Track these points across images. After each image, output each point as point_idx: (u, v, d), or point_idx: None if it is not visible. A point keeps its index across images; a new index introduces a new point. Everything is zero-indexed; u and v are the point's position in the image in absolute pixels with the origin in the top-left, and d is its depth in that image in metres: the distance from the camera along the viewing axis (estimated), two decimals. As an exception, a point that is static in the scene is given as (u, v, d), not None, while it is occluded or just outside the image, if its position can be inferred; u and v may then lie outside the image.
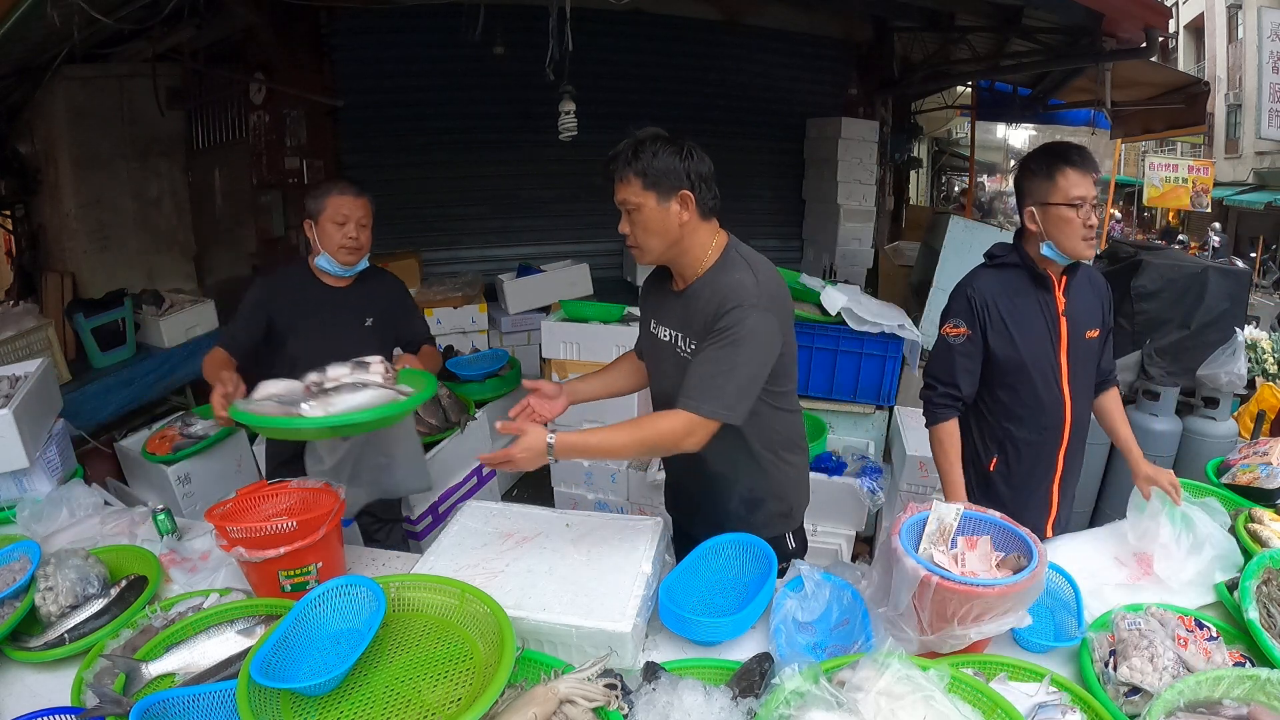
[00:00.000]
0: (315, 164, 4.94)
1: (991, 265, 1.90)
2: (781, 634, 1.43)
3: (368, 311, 2.21)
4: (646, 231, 1.59)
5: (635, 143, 1.55)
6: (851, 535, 2.96)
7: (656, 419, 1.56)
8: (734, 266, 1.60)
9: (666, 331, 1.71)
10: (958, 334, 1.85)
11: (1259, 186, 17.03)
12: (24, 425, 2.07)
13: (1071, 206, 1.70)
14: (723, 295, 1.55)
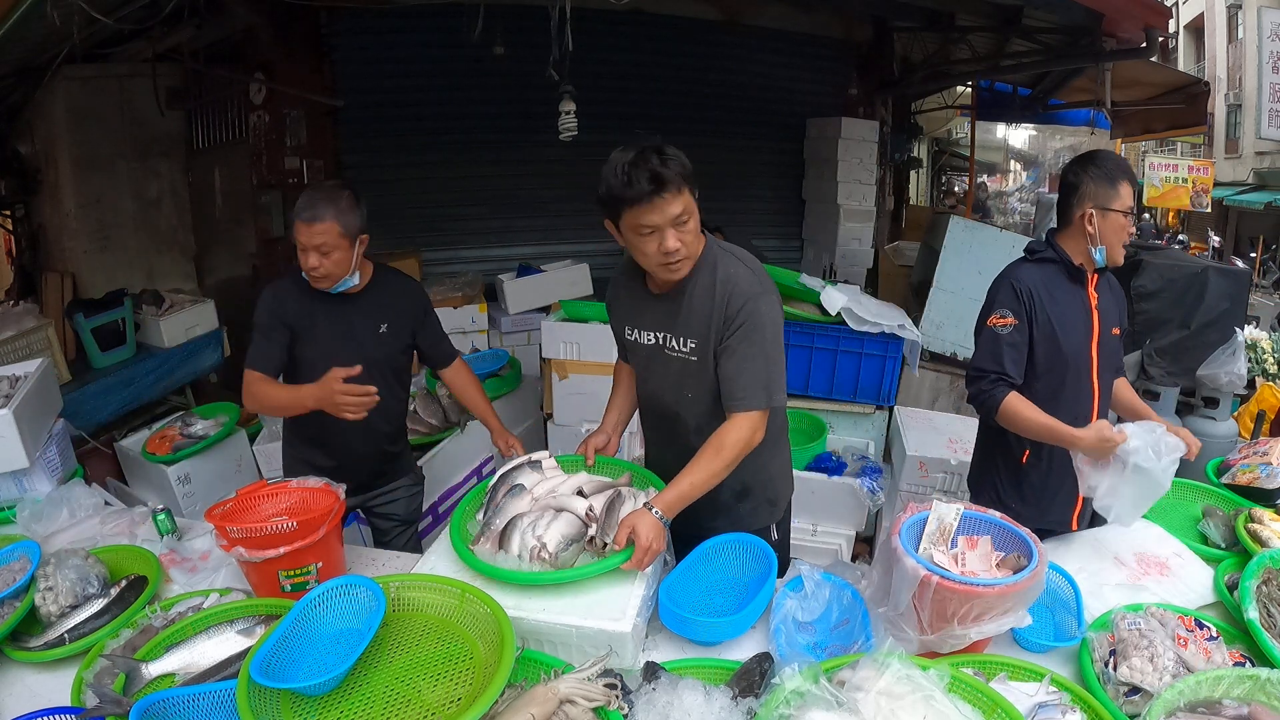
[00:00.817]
0: (315, 164, 4.94)
1: (1032, 260, 1.94)
2: (781, 634, 1.44)
3: (382, 318, 2.10)
4: (692, 237, 1.57)
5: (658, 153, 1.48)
6: (851, 535, 2.96)
7: (724, 435, 1.58)
8: (722, 262, 1.64)
9: (649, 335, 1.73)
10: (1006, 324, 1.86)
11: (1259, 186, 17.01)
12: (24, 425, 2.07)
13: (1125, 215, 1.84)
14: (725, 291, 1.59)
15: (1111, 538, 1.84)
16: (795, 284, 3.27)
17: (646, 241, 1.53)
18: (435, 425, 3.40)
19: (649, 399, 1.84)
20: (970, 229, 3.98)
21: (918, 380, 3.97)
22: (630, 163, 1.48)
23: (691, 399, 1.72)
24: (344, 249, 1.93)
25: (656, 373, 1.75)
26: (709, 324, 1.62)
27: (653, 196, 1.48)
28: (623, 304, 1.80)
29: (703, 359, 1.66)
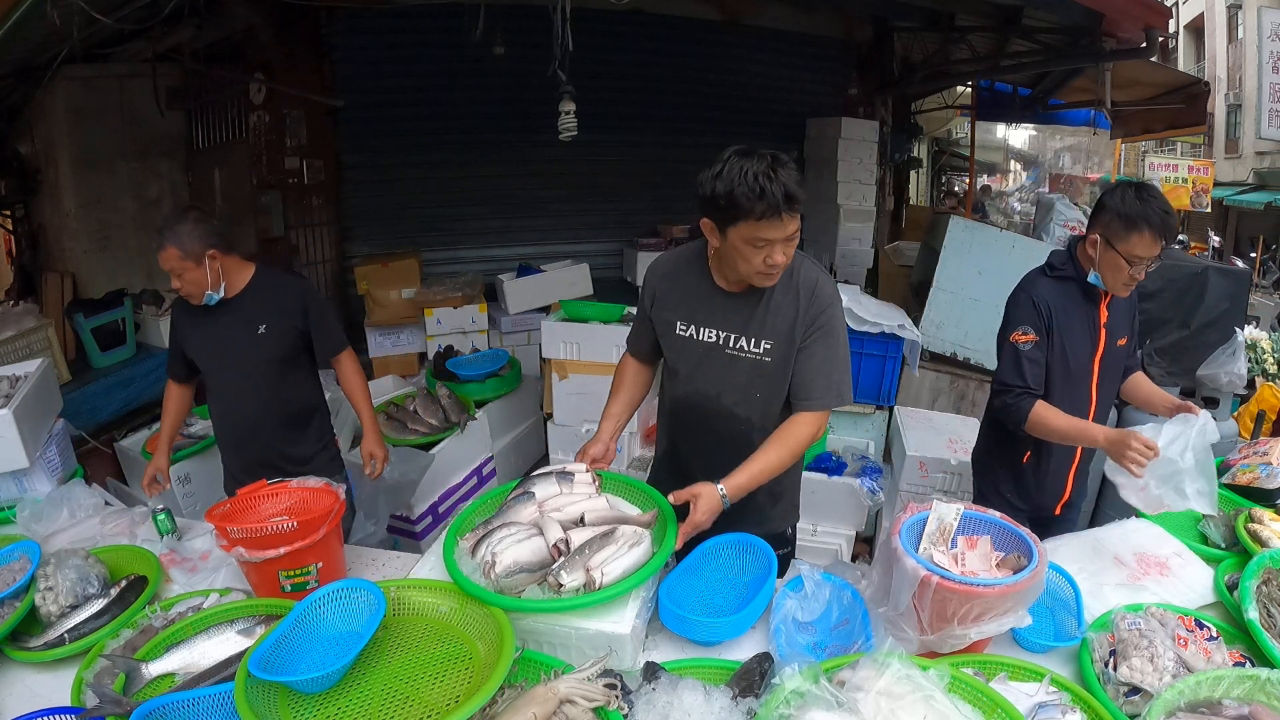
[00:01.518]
0: (315, 164, 4.94)
1: (1051, 275, 2.01)
2: (781, 634, 1.44)
3: (259, 319, 2.17)
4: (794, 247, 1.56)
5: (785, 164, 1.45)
6: (851, 535, 2.96)
7: (796, 429, 1.64)
8: (801, 265, 1.66)
9: (711, 332, 1.69)
10: (1027, 340, 1.95)
11: (1259, 186, 17.00)
12: (24, 425, 2.07)
13: (1128, 262, 1.84)
14: (809, 291, 1.64)
15: (1111, 538, 1.84)
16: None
17: (755, 253, 1.51)
18: (435, 425, 3.40)
19: (693, 397, 1.76)
20: (970, 229, 3.97)
21: (918, 380, 3.97)
22: (763, 174, 1.43)
23: (760, 399, 1.71)
24: (191, 269, 2.05)
25: (711, 371, 1.71)
26: (792, 326, 1.64)
27: (781, 214, 1.45)
28: (676, 296, 1.73)
29: (778, 360, 1.66)
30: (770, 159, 1.45)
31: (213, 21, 4.56)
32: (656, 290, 1.78)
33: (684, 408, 1.80)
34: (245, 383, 2.21)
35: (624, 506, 1.64)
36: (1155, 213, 1.81)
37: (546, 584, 1.40)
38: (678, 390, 1.80)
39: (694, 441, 1.81)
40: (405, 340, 4.83)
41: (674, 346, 1.77)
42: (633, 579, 1.37)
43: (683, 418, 1.82)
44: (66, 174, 4.99)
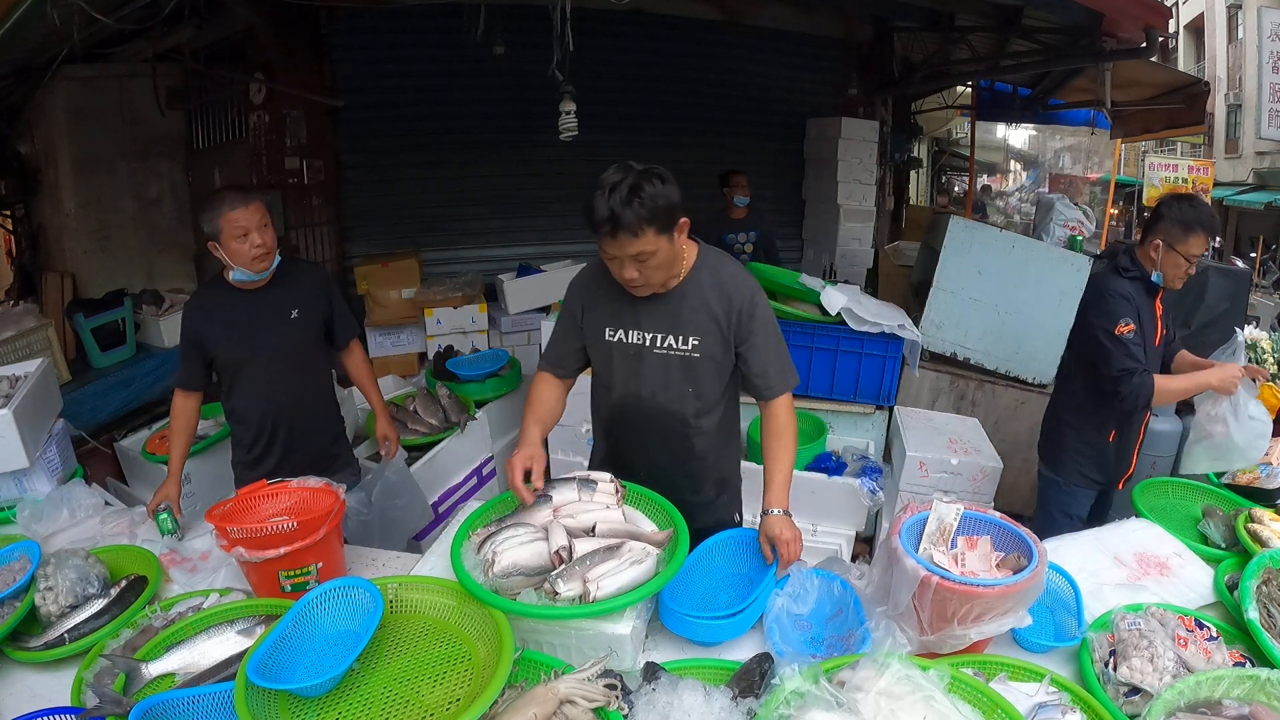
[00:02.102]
0: (315, 164, 4.94)
1: (1125, 276, 2.33)
2: (775, 632, 1.44)
3: (291, 304, 2.23)
4: (657, 270, 1.62)
5: (632, 190, 1.50)
6: (851, 535, 2.96)
7: (781, 419, 1.75)
8: (720, 262, 1.76)
9: (638, 334, 1.74)
10: (1130, 330, 2.24)
11: (1259, 186, 17.00)
12: (24, 425, 2.07)
13: (1186, 260, 2.23)
14: (730, 288, 1.70)
15: (1111, 538, 1.85)
16: (795, 284, 3.26)
17: (610, 263, 1.63)
18: (435, 425, 3.40)
19: (629, 400, 1.80)
20: (970, 229, 3.97)
21: (918, 380, 3.97)
22: (602, 193, 1.53)
23: (692, 394, 1.75)
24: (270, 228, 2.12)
25: (643, 372, 1.76)
26: (716, 321, 1.70)
27: (608, 235, 1.54)
28: (603, 304, 1.77)
29: (706, 355, 1.71)
30: (624, 179, 1.51)
31: (213, 21, 4.56)
32: (585, 300, 1.81)
33: (620, 411, 1.83)
34: (283, 367, 2.23)
35: (641, 521, 1.62)
36: (1206, 217, 2.22)
37: (543, 590, 1.39)
38: (613, 395, 1.83)
39: (635, 441, 1.85)
40: (405, 340, 4.83)
41: (604, 353, 1.80)
42: (627, 597, 1.36)
43: (621, 421, 1.85)
44: (66, 174, 4.99)
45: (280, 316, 2.21)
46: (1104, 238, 8.94)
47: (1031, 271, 3.84)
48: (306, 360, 2.30)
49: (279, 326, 2.20)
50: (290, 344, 2.23)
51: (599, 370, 1.85)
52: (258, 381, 2.23)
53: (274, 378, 2.23)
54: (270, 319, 2.19)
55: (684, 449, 1.80)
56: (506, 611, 1.33)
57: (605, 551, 1.44)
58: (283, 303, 2.21)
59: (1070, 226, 6.94)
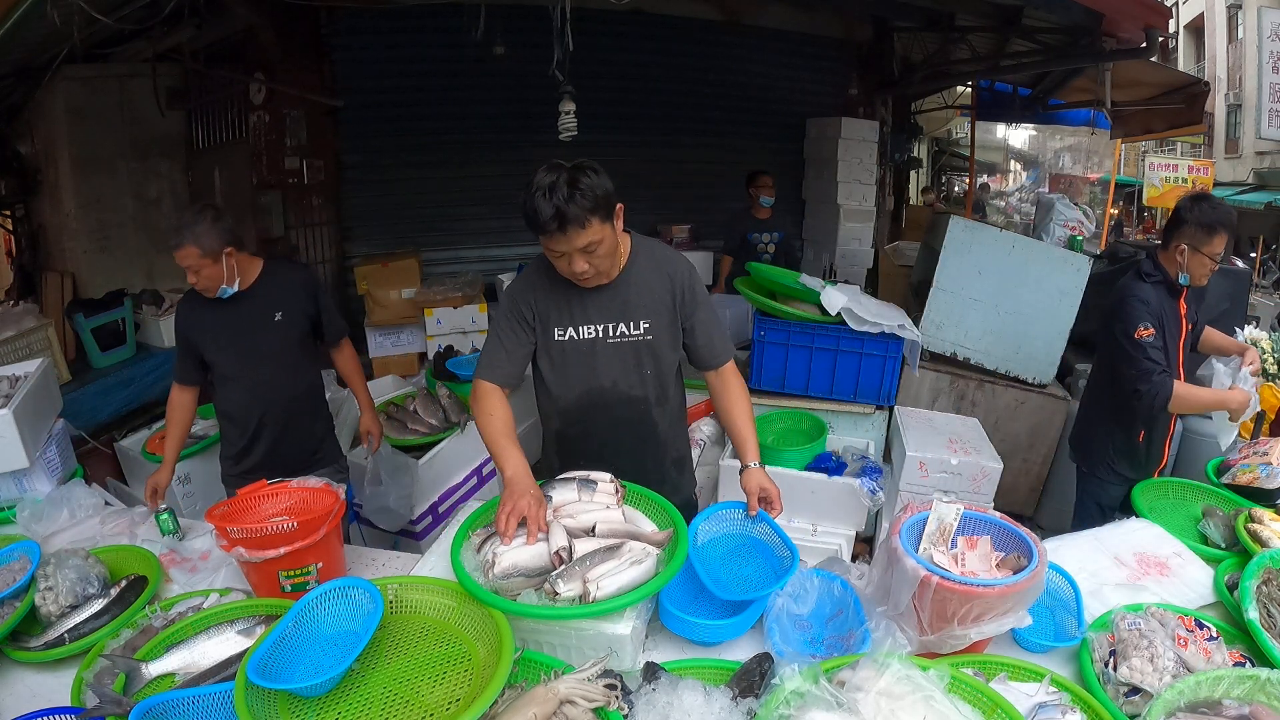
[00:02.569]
0: (315, 164, 4.94)
1: (1148, 281, 2.41)
2: (775, 632, 1.44)
3: (275, 306, 2.29)
4: (605, 258, 1.67)
5: (570, 185, 1.55)
6: (851, 535, 2.96)
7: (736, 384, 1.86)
8: (654, 245, 1.84)
9: (589, 328, 1.77)
10: (1150, 334, 2.32)
11: (1259, 186, 17.00)
12: (24, 425, 2.07)
13: (1213, 260, 2.32)
14: (669, 271, 1.80)
15: (1111, 538, 1.84)
16: (795, 284, 3.26)
17: (558, 260, 1.66)
18: (435, 425, 3.40)
19: (588, 395, 1.83)
20: (970, 229, 3.96)
21: (918, 380, 3.97)
22: (542, 192, 1.55)
23: (650, 375, 1.82)
24: (209, 265, 2.12)
25: (599, 364, 1.79)
26: (663, 303, 1.78)
27: (555, 232, 1.57)
28: (547, 307, 1.78)
29: (657, 336, 1.79)
30: (556, 177, 1.55)
31: (213, 21, 4.56)
32: (529, 304, 1.80)
33: (579, 407, 1.85)
34: (268, 368, 2.30)
35: (641, 522, 1.62)
36: (1226, 216, 2.30)
37: (543, 590, 1.39)
38: (570, 394, 1.85)
39: (595, 433, 1.87)
40: (405, 340, 4.83)
41: (557, 354, 1.82)
42: (628, 597, 1.36)
43: (580, 416, 1.86)
44: (66, 174, 4.99)
45: (264, 320, 2.27)
46: (1104, 238, 8.94)
47: (1031, 271, 3.84)
48: (291, 361, 2.36)
49: (262, 330, 2.26)
50: (274, 347, 2.29)
51: (550, 375, 1.86)
52: (243, 383, 2.30)
53: (259, 379, 2.30)
54: (254, 323, 2.25)
55: (648, 434, 1.87)
56: (506, 612, 1.33)
57: (605, 551, 1.44)
58: (266, 307, 2.27)
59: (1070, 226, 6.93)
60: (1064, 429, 3.97)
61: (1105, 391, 2.59)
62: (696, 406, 3.59)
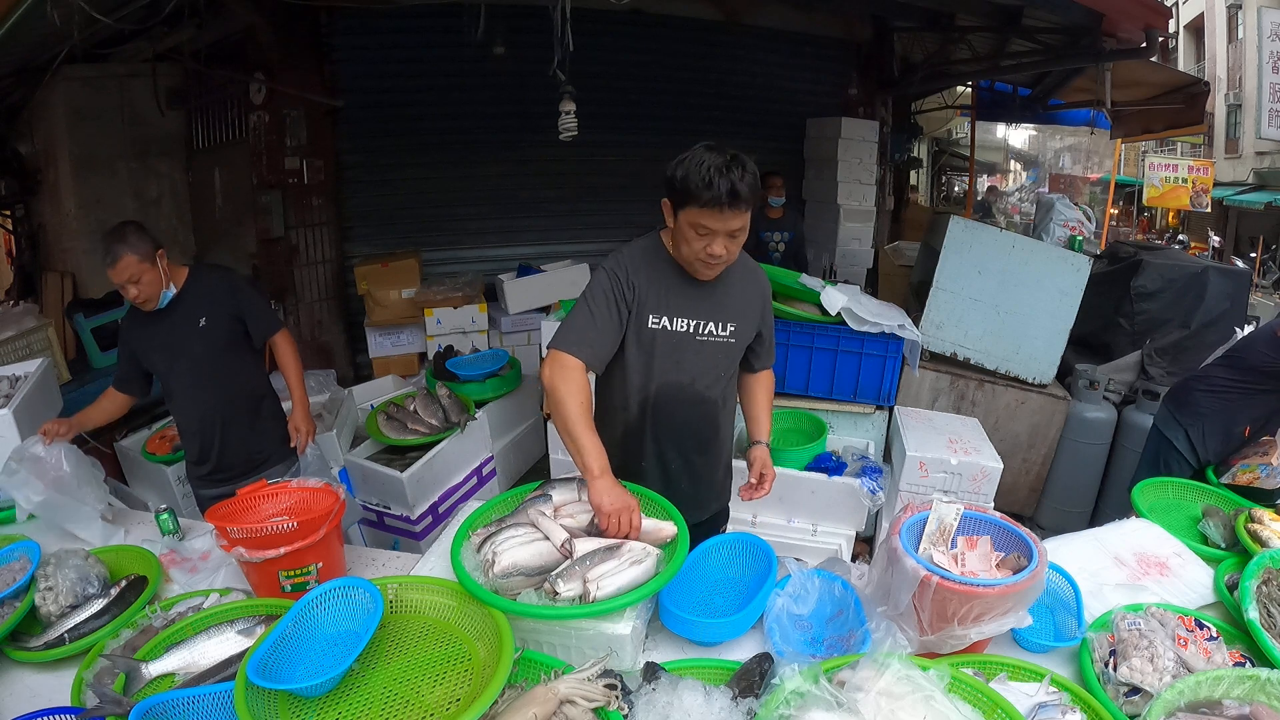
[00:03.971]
0: (315, 164, 4.94)
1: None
2: (776, 632, 1.44)
3: (198, 312, 2.30)
4: (739, 246, 1.66)
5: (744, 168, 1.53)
6: (851, 535, 2.96)
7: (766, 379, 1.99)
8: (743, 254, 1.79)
9: (685, 322, 1.73)
10: None
11: (1259, 186, 16.99)
12: (24, 425, 2.08)
13: None
14: (758, 277, 1.86)
15: (1111, 538, 1.84)
16: (795, 284, 3.26)
17: (697, 239, 1.59)
18: (435, 425, 3.40)
19: (667, 389, 1.75)
20: (970, 229, 3.96)
21: (918, 380, 3.97)
22: (718, 167, 1.51)
23: (725, 378, 1.84)
24: (149, 270, 2.15)
25: (684, 360, 1.75)
26: (752, 308, 1.82)
27: (725, 207, 1.53)
28: (652, 290, 1.69)
29: (740, 340, 1.81)
30: (731, 157, 1.53)
31: (213, 21, 4.56)
32: (637, 285, 1.69)
33: (655, 400, 1.77)
34: (198, 375, 2.33)
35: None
36: None
37: (543, 590, 1.39)
38: (651, 385, 1.75)
39: (664, 433, 1.81)
40: (405, 340, 4.84)
41: (645, 339, 1.71)
42: (628, 597, 1.36)
43: (655, 409, 1.78)
44: (66, 174, 4.99)
45: (189, 327, 2.29)
46: (1104, 238, 8.94)
47: (1031, 271, 3.84)
48: (224, 365, 2.37)
49: (190, 337, 2.29)
50: (202, 351, 2.31)
51: (635, 363, 1.74)
52: (182, 390, 2.35)
53: (195, 385, 2.34)
54: (181, 331, 2.28)
55: (713, 435, 1.88)
56: (506, 611, 1.33)
57: (605, 551, 1.44)
58: (190, 313, 2.29)
59: (1070, 226, 6.94)
60: (1064, 429, 3.97)
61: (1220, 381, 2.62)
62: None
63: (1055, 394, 3.97)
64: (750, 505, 2.95)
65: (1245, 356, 2.58)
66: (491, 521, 1.61)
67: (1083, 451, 3.95)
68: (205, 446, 2.39)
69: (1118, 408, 3.98)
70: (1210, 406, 2.60)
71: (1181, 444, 2.64)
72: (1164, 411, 2.80)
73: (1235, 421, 2.55)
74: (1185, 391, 2.76)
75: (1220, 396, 2.59)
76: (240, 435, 2.42)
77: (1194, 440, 2.61)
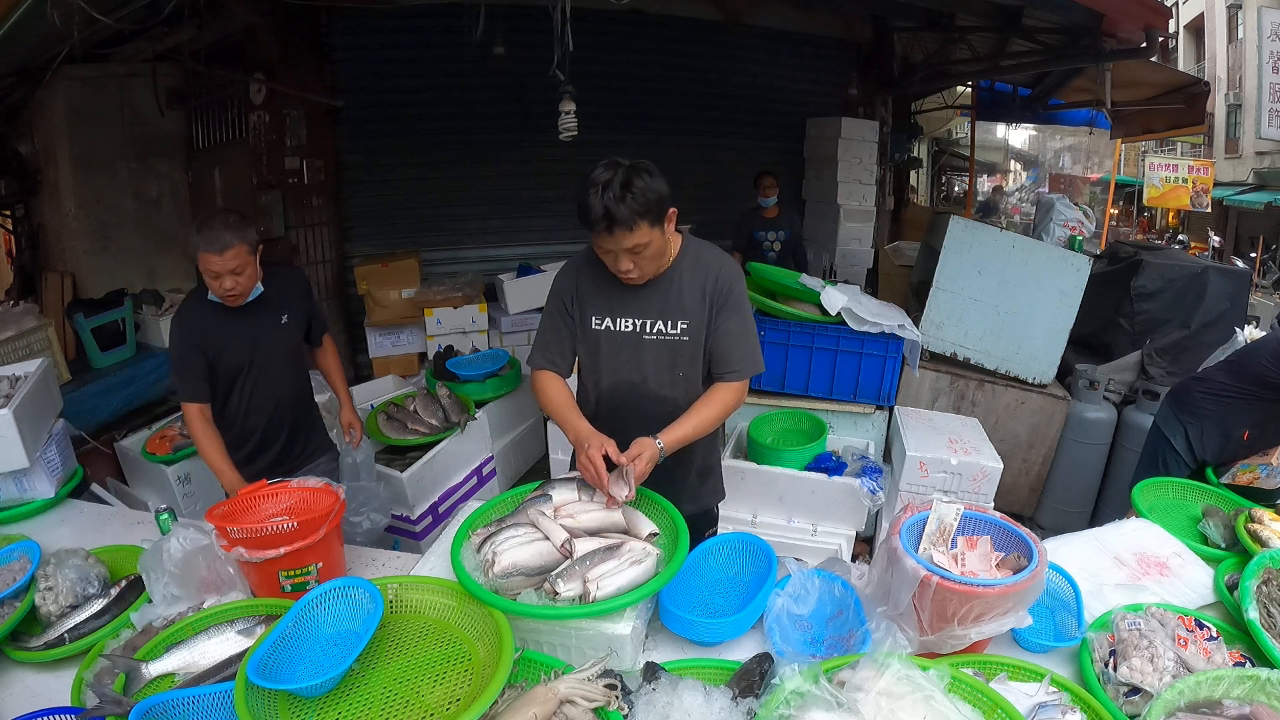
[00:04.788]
0: (315, 164, 4.94)
1: None
2: (776, 632, 1.44)
3: (281, 309, 2.30)
4: (651, 260, 1.67)
5: (624, 186, 1.55)
6: (851, 535, 2.96)
7: (719, 394, 1.76)
8: (702, 248, 1.80)
9: (627, 322, 1.77)
10: None
11: (1259, 186, 17.00)
12: (24, 425, 2.07)
13: None
14: (713, 271, 1.76)
15: (1111, 538, 1.84)
16: (795, 284, 3.26)
17: (605, 256, 1.67)
18: (435, 425, 3.40)
19: (624, 388, 1.81)
20: (970, 229, 3.96)
21: (918, 380, 3.97)
22: (595, 192, 1.55)
23: (682, 378, 1.80)
24: (252, 264, 2.11)
25: (635, 360, 1.79)
26: (701, 304, 1.75)
27: (604, 231, 1.58)
28: (592, 292, 1.79)
29: (693, 338, 1.77)
30: (611, 178, 1.55)
31: (213, 21, 4.56)
32: (574, 291, 1.81)
33: (610, 399, 1.84)
34: (282, 370, 2.33)
35: (640, 521, 1.61)
36: None
37: (543, 590, 1.39)
38: (602, 384, 1.84)
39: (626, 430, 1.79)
40: (405, 340, 4.84)
41: (592, 343, 1.82)
42: (628, 597, 1.36)
43: (610, 408, 1.85)
44: (66, 174, 4.99)
45: (274, 323, 2.28)
46: (1104, 238, 8.95)
47: (1031, 271, 3.84)
48: (296, 362, 2.40)
49: (274, 333, 2.28)
50: (284, 348, 2.32)
51: (586, 363, 1.86)
52: (256, 386, 2.29)
53: (270, 381, 2.31)
54: (266, 326, 2.26)
55: None
56: (507, 611, 1.33)
57: (605, 551, 1.44)
58: (274, 309, 2.28)
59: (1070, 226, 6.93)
60: (1064, 429, 3.97)
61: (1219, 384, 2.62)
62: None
63: (1055, 394, 3.97)
64: (750, 505, 2.96)
65: (1248, 365, 2.57)
66: (491, 521, 1.61)
67: (1083, 451, 3.95)
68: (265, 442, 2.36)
69: (1118, 408, 3.98)
70: (1210, 408, 2.59)
71: (1180, 443, 2.63)
72: (1164, 410, 2.79)
73: (1235, 425, 2.53)
74: (1186, 391, 2.76)
75: (1221, 399, 2.58)
76: (302, 431, 2.45)
77: (1192, 440, 2.60)
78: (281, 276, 2.35)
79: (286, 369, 2.35)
